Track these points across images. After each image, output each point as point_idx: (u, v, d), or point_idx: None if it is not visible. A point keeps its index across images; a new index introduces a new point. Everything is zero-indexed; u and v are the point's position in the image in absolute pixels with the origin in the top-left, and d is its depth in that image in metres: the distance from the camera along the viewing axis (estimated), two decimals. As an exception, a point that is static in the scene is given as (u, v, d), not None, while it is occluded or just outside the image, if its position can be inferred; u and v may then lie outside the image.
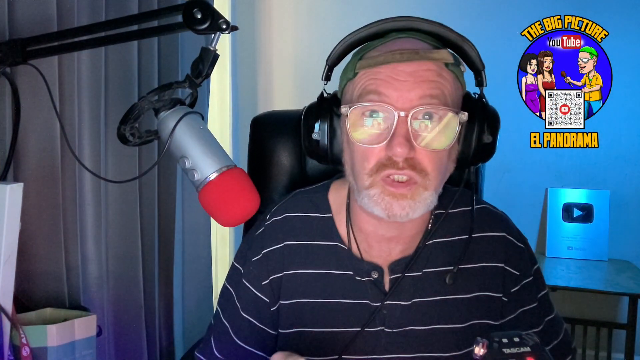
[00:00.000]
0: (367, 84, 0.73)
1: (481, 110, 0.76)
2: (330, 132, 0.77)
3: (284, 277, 0.84)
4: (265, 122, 1.15)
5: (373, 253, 0.83)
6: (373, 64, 0.73)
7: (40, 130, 1.06)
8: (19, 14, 1.01)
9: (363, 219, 0.82)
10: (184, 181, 1.58)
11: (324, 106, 0.78)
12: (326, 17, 2.29)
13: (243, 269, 0.88)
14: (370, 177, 0.73)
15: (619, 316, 2.24)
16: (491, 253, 0.83)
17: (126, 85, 1.29)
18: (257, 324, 0.86)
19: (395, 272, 0.82)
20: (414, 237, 0.83)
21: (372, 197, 0.72)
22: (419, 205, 0.72)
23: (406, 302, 0.81)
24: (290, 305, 0.84)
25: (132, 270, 1.34)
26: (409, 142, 0.69)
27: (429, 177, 0.72)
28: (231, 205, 0.81)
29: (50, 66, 1.05)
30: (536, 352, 0.52)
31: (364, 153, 0.73)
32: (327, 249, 0.84)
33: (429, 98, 0.71)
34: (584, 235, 2.21)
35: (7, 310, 0.83)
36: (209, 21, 0.75)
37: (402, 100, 0.70)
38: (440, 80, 0.72)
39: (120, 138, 0.83)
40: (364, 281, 0.82)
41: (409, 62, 0.71)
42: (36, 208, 1.06)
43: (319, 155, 0.79)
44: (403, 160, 0.70)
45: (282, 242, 0.85)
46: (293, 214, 0.87)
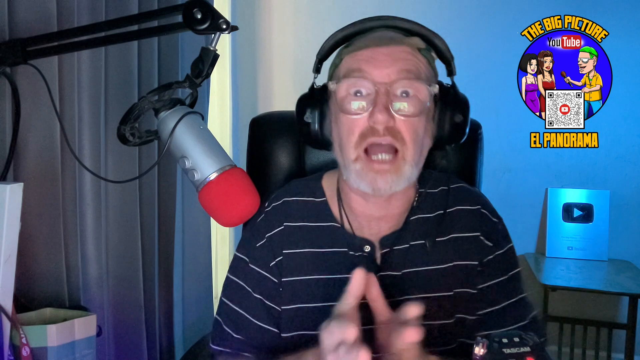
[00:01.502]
0: (350, 64, 0.83)
1: (453, 94, 0.86)
2: (320, 115, 0.86)
3: (284, 256, 0.90)
4: (265, 123, 1.16)
5: (364, 231, 0.90)
6: (356, 49, 0.84)
7: (40, 130, 1.06)
8: (19, 14, 1.01)
9: (353, 199, 0.89)
10: (184, 181, 1.58)
11: (314, 94, 0.87)
12: (326, 17, 2.29)
13: (248, 256, 0.92)
14: (356, 150, 0.81)
15: (619, 316, 2.24)
16: (468, 224, 0.91)
17: (126, 85, 1.29)
18: (268, 302, 0.89)
19: (385, 246, 0.89)
20: (401, 215, 0.90)
21: (358, 172, 0.81)
22: (400, 178, 0.81)
23: (397, 272, 0.88)
24: (290, 283, 0.89)
25: (132, 270, 1.34)
26: (388, 110, 0.79)
27: (407, 146, 0.80)
28: (231, 205, 0.81)
29: (50, 66, 1.05)
30: (536, 352, 0.52)
31: (349, 125, 0.81)
32: (323, 229, 0.91)
33: (405, 72, 0.81)
34: (584, 235, 2.21)
35: (7, 310, 0.83)
36: (209, 21, 0.75)
37: (381, 75, 0.80)
38: (414, 59, 0.83)
39: (120, 138, 0.83)
40: (357, 255, 0.88)
41: (386, 46, 0.82)
42: (36, 208, 1.06)
43: (310, 137, 0.88)
44: (384, 128, 0.79)
45: (282, 224, 0.91)
46: (291, 198, 0.94)
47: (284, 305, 0.89)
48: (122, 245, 1.31)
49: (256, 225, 0.93)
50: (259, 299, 0.89)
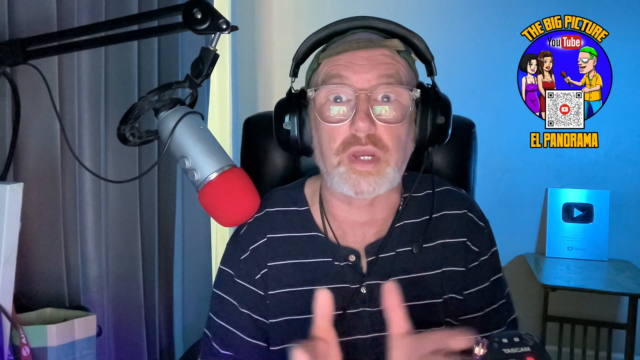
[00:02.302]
0: (329, 70, 0.81)
1: (434, 95, 0.83)
2: (300, 122, 0.84)
3: (269, 269, 0.88)
4: (259, 123, 1.16)
5: (348, 239, 0.88)
6: (334, 53, 0.81)
7: (40, 130, 1.06)
8: (19, 14, 1.01)
9: (335, 206, 0.88)
10: (184, 181, 1.58)
11: (292, 99, 0.85)
12: (326, 17, 2.29)
13: (233, 270, 0.90)
14: (338, 156, 0.79)
15: (619, 316, 2.24)
16: (454, 229, 0.88)
17: (126, 85, 1.29)
18: (256, 316, 0.88)
19: (371, 254, 0.87)
20: (386, 220, 0.88)
21: (341, 176, 0.79)
22: (384, 180, 0.79)
23: (384, 280, 0.85)
24: (276, 295, 0.87)
25: (132, 270, 1.34)
26: (369, 117, 0.77)
27: (390, 152, 0.79)
28: (231, 205, 0.81)
29: (50, 66, 1.05)
30: (536, 352, 0.52)
31: (330, 133, 0.80)
32: (307, 239, 0.89)
33: (385, 77, 0.79)
34: (584, 235, 2.22)
35: (7, 310, 0.83)
36: (209, 21, 0.75)
37: (361, 81, 0.78)
38: (394, 63, 0.81)
39: (120, 138, 0.83)
40: (342, 265, 0.87)
41: (365, 50, 0.80)
42: (36, 208, 1.06)
43: (289, 145, 0.86)
44: (365, 137, 0.77)
45: (265, 236, 0.89)
46: (273, 209, 0.91)
47: (272, 318, 0.87)
48: (122, 245, 1.31)
49: (239, 237, 0.91)
50: (246, 314, 0.87)
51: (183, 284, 1.67)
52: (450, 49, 2.08)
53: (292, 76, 0.88)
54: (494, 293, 0.89)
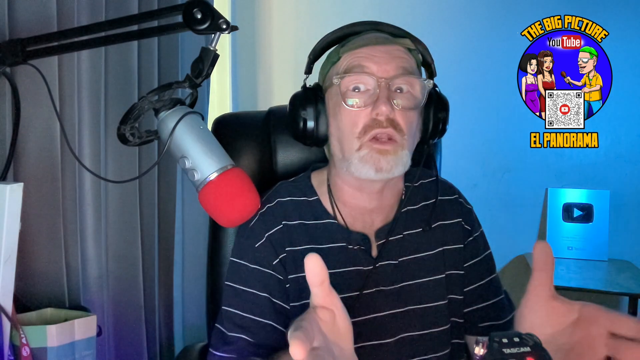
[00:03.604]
0: (351, 61, 0.89)
1: (436, 95, 0.93)
2: (316, 114, 0.91)
3: (287, 254, 0.92)
4: (229, 124, 1.16)
5: (358, 225, 0.95)
6: (354, 47, 0.90)
7: (40, 130, 1.06)
8: (19, 14, 1.01)
9: (346, 193, 0.94)
10: (184, 181, 1.58)
11: (308, 93, 0.92)
12: (326, 18, 2.29)
13: (247, 259, 0.92)
14: (360, 140, 0.86)
15: (619, 316, 2.23)
16: (451, 212, 1.00)
17: (126, 85, 1.29)
18: (275, 300, 0.90)
19: (381, 238, 0.94)
20: (392, 207, 0.97)
21: (362, 158, 0.86)
22: (399, 162, 0.86)
23: (394, 261, 0.94)
24: (296, 279, 0.91)
25: (132, 270, 1.34)
26: (390, 102, 0.85)
27: (405, 137, 0.87)
28: (231, 205, 0.81)
29: (50, 66, 1.05)
30: (536, 352, 0.52)
31: (352, 119, 0.87)
32: (320, 226, 0.94)
33: (402, 69, 0.87)
34: (584, 235, 2.21)
35: (7, 310, 0.83)
36: (209, 21, 0.75)
37: (381, 71, 0.86)
38: (408, 58, 0.90)
39: (120, 138, 0.83)
40: (355, 249, 0.93)
41: (383, 45, 0.89)
42: (36, 208, 1.06)
43: (306, 134, 0.91)
44: (386, 120, 0.85)
45: (281, 223, 0.94)
46: (284, 199, 0.96)
47: (292, 302, 0.90)
48: (122, 245, 1.31)
49: (251, 227, 0.94)
50: (266, 298, 0.90)
51: (183, 284, 1.67)
52: (450, 49, 2.08)
53: (307, 73, 0.95)
54: (489, 265, 1.01)
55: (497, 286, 1.01)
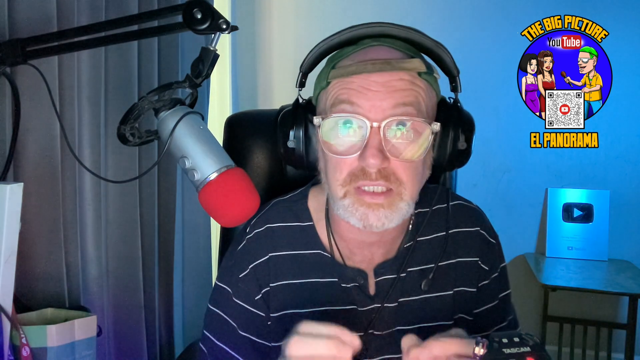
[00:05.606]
0: (339, 94, 0.72)
1: (456, 116, 0.75)
2: (306, 139, 0.77)
3: (272, 290, 0.83)
4: (241, 123, 1.12)
5: (356, 259, 0.83)
6: (345, 74, 0.72)
7: (40, 130, 1.06)
8: (19, 14, 1.01)
9: (343, 226, 0.81)
10: (184, 181, 1.58)
11: (298, 113, 0.78)
12: (326, 17, 2.29)
13: (230, 287, 0.85)
14: (344, 188, 0.72)
15: (619, 316, 2.24)
16: (467, 248, 0.85)
17: (126, 85, 1.29)
18: (257, 340, 0.84)
19: (380, 275, 0.82)
20: (395, 239, 0.83)
21: (346, 208, 0.72)
22: (395, 215, 0.72)
23: (392, 304, 0.82)
24: (280, 317, 0.83)
25: (132, 270, 1.34)
26: (382, 153, 0.69)
27: (404, 186, 0.72)
28: (231, 205, 0.81)
29: (50, 66, 1.05)
30: (536, 352, 0.52)
31: (336, 163, 0.73)
32: (311, 257, 0.84)
33: (402, 106, 0.70)
34: (584, 235, 2.22)
35: (7, 310, 0.83)
36: (209, 21, 0.75)
37: (374, 111, 0.70)
38: (413, 89, 0.72)
39: (120, 138, 0.83)
40: (350, 287, 0.82)
41: (381, 73, 0.70)
42: (36, 208, 1.06)
43: (295, 162, 0.80)
44: (376, 172, 0.70)
45: (267, 254, 0.84)
46: (275, 225, 0.86)
47: (274, 341, 0.83)
48: (122, 245, 1.31)
49: (237, 253, 0.86)
50: (246, 337, 0.83)
51: (183, 284, 1.67)
52: (450, 49, 2.07)
53: (299, 87, 0.79)
54: (503, 311, 0.87)
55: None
